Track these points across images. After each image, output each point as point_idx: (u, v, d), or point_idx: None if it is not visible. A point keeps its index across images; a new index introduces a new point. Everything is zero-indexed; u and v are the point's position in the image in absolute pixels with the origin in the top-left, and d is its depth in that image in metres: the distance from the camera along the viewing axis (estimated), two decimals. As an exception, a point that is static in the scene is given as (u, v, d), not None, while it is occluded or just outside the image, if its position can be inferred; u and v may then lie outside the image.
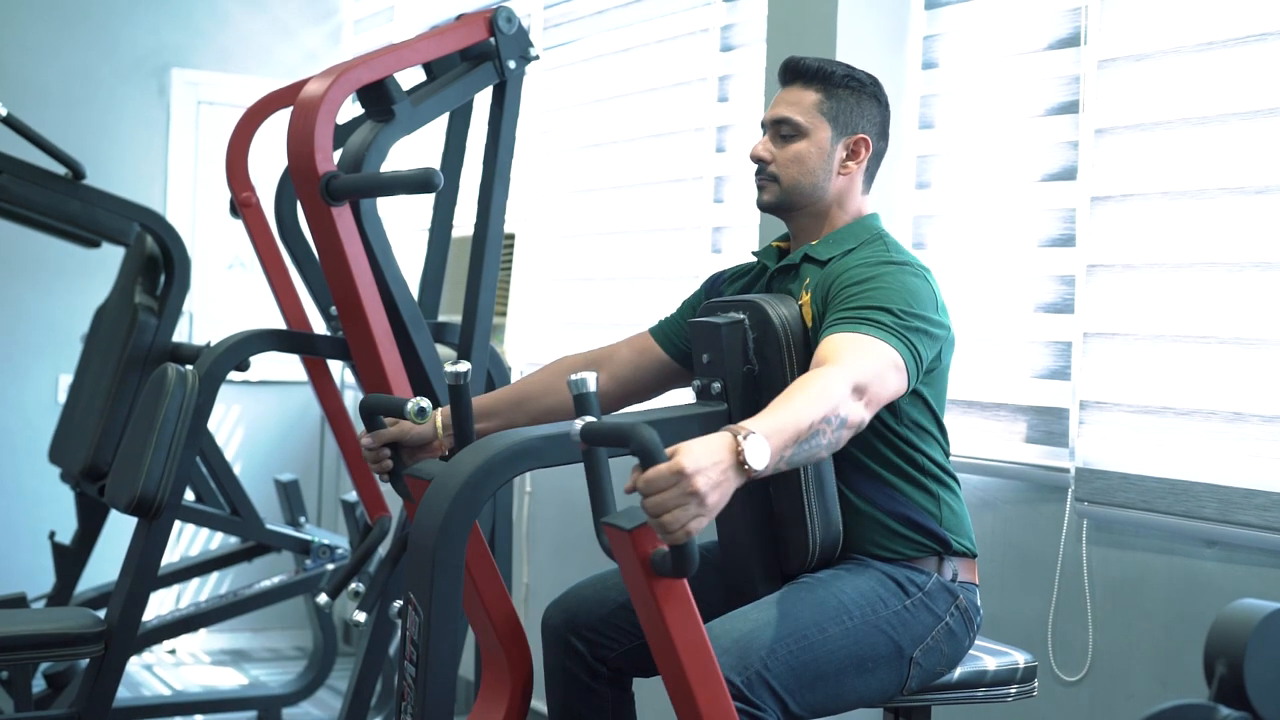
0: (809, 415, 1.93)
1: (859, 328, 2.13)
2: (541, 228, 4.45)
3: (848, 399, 1.99)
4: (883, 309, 2.16)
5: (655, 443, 1.78)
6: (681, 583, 1.89)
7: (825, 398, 1.96)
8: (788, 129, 2.38)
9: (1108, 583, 2.73)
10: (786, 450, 1.90)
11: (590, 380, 1.96)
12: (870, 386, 2.04)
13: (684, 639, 1.91)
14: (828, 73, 2.38)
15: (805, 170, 2.37)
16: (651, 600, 1.89)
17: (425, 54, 3.07)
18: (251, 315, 4.70)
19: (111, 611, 3.01)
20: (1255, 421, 2.50)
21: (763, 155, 2.40)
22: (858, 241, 2.36)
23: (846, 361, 2.04)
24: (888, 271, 2.24)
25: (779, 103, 2.41)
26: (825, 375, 2.00)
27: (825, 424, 1.95)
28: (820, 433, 1.95)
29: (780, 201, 2.40)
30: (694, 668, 1.92)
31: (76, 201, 3.85)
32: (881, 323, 2.14)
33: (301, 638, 5.23)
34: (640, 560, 1.87)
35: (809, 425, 1.93)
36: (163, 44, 5.17)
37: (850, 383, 2.00)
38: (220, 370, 3.14)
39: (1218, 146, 2.59)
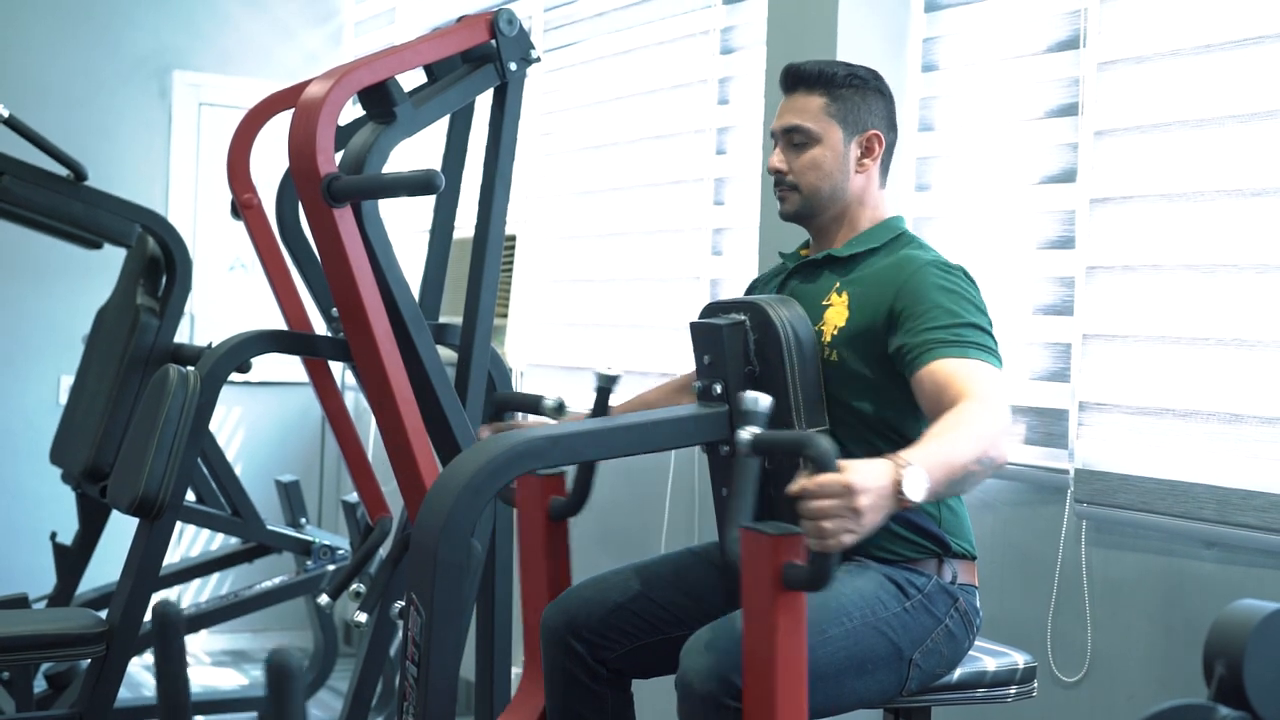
0: (965, 454, 1.99)
1: (969, 353, 2.17)
2: (542, 229, 4.45)
3: (999, 441, 2.04)
4: (976, 327, 2.22)
5: (832, 452, 1.84)
6: (802, 600, 1.93)
7: (983, 440, 2.01)
8: (800, 137, 2.40)
9: (1107, 583, 2.73)
10: (940, 487, 1.95)
11: (763, 400, 2.00)
12: (1009, 414, 2.11)
13: (787, 655, 1.93)
14: (829, 75, 2.40)
15: (823, 175, 2.40)
16: (771, 611, 1.91)
17: (427, 56, 3.08)
18: (253, 316, 4.70)
19: (113, 612, 3.02)
20: (1254, 423, 2.51)
21: (780, 167, 2.42)
22: (882, 241, 2.39)
23: (993, 400, 2.09)
24: (954, 280, 2.28)
25: (785, 111, 2.42)
26: (980, 415, 2.05)
27: (978, 464, 2.01)
28: (974, 474, 2.01)
29: (803, 209, 2.42)
30: (786, 686, 1.93)
31: (78, 203, 3.85)
32: (983, 346, 2.20)
33: (302, 639, 5.23)
34: (773, 569, 1.90)
35: (962, 465, 1.99)
36: (164, 46, 5.18)
37: (1005, 425, 2.06)
38: (222, 371, 3.15)
39: (1216, 149, 2.59)
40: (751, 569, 1.94)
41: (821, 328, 2.33)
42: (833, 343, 2.31)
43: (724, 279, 3.74)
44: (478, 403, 3.20)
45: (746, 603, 1.96)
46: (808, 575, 1.88)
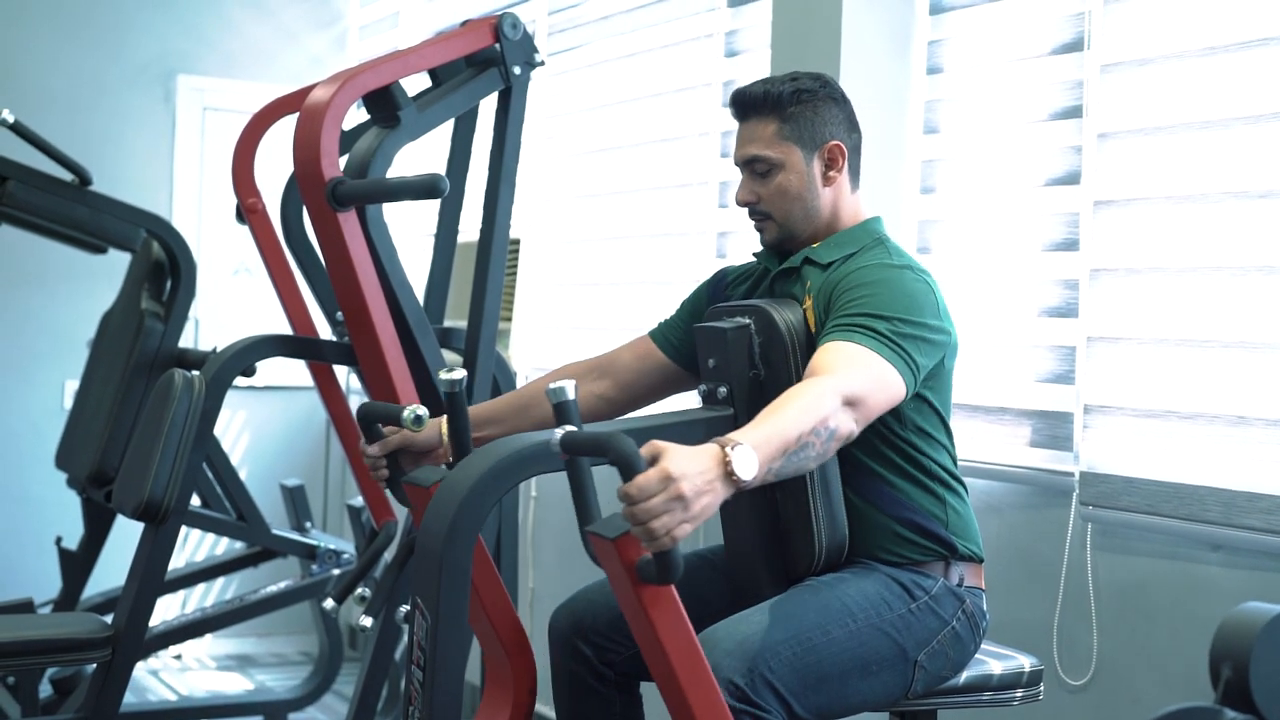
0: (798, 427, 1.94)
1: (853, 336, 2.13)
2: (547, 233, 4.46)
3: (838, 411, 1.99)
4: (878, 316, 2.15)
5: (633, 452, 1.79)
6: (669, 589, 1.90)
7: (815, 409, 1.96)
8: (762, 165, 2.36)
9: (1113, 586, 2.73)
10: (775, 462, 1.91)
11: (569, 389, 1.95)
12: (864, 400, 2.05)
13: (674, 644, 1.92)
14: (775, 95, 2.35)
15: (792, 199, 2.37)
16: (639, 607, 1.91)
17: (431, 60, 3.08)
18: (257, 321, 4.70)
19: (118, 617, 3.02)
20: (1259, 425, 2.50)
21: (748, 199, 2.39)
22: (859, 245, 2.35)
23: (839, 373, 2.05)
24: (887, 277, 2.23)
25: (743, 141, 2.39)
26: (816, 386, 2.01)
27: (814, 435, 1.96)
28: (809, 445, 1.95)
29: (783, 236, 2.40)
30: (686, 672, 1.93)
31: (83, 208, 3.85)
32: (876, 331, 2.14)
33: (307, 643, 5.23)
34: (626, 568, 1.88)
35: (797, 437, 1.93)
36: (168, 50, 5.18)
37: (841, 395, 2.01)
38: (226, 376, 3.15)
39: (1221, 151, 2.59)
40: (608, 570, 1.94)
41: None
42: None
43: (728, 282, 3.74)
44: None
45: (619, 601, 1.96)
46: (655, 570, 1.84)
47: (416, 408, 2.24)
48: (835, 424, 1.99)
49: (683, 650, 1.93)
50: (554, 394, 1.95)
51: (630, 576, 1.88)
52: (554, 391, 1.95)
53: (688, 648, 1.93)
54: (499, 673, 2.24)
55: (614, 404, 2.56)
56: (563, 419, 1.95)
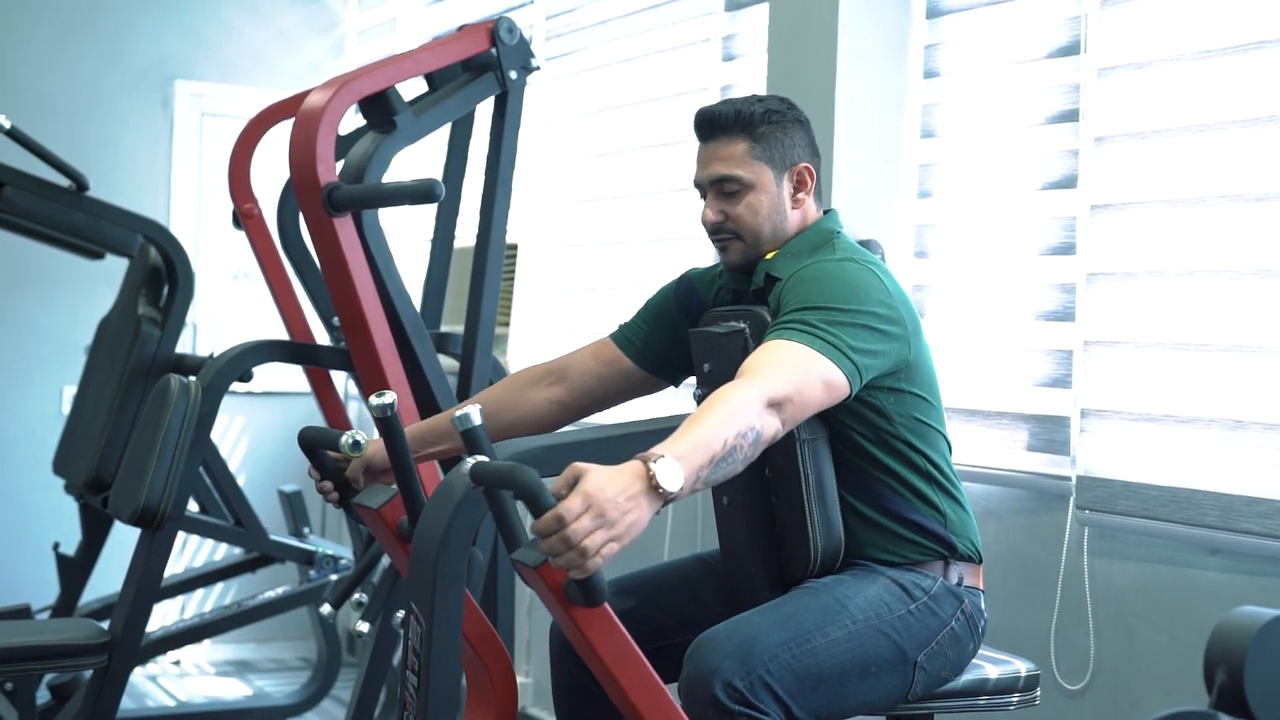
0: (722, 434, 1.91)
1: (783, 333, 2.09)
2: (544, 238, 4.45)
3: (762, 413, 1.96)
4: (811, 309, 2.12)
5: (537, 485, 1.80)
6: (602, 608, 1.92)
7: (737, 414, 1.93)
8: (732, 185, 2.32)
9: (1110, 591, 2.73)
10: (703, 470, 1.88)
11: (474, 415, 1.95)
12: (789, 399, 2.00)
13: (615, 660, 1.94)
14: (748, 115, 2.31)
15: (762, 219, 2.32)
16: (575, 629, 1.92)
17: (427, 65, 3.08)
18: (256, 326, 4.70)
19: (114, 623, 3.02)
20: (1256, 429, 2.50)
21: (716, 219, 2.34)
22: (812, 250, 2.32)
23: (761, 374, 2.01)
24: (826, 271, 2.20)
25: (710, 160, 2.34)
26: (738, 391, 1.97)
27: (740, 439, 1.93)
28: (736, 449, 1.93)
29: (749, 257, 2.34)
30: (632, 686, 1.95)
31: (80, 213, 3.85)
32: (807, 323, 2.09)
33: (306, 648, 5.23)
34: (553, 592, 1.89)
35: (723, 444, 1.91)
36: (166, 55, 5.18)
37: (763, 397, 1.97)
38: (223, 381, 3.15)
39: (1217, 154, 2.59)
40: (538, 594, 1.95)
41: None
42: None
43: (726, 287, 3.73)
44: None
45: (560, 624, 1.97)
46: (581, 593, 1.86)
47: (354, 433, 2.22)
48: (760, 426, 1.95)
49: (624, 663, 1.95)
50: (459, 422, 1.95)
51: (559, 600, 1.90)
52: (459, 419, 1.95)
53: (629, 660, 1.95)
54: (477, 682, 2.24)
55: (569, 409, 2.52)
56: (472, 448, 1.95)
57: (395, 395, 2.13)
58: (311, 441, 2.34)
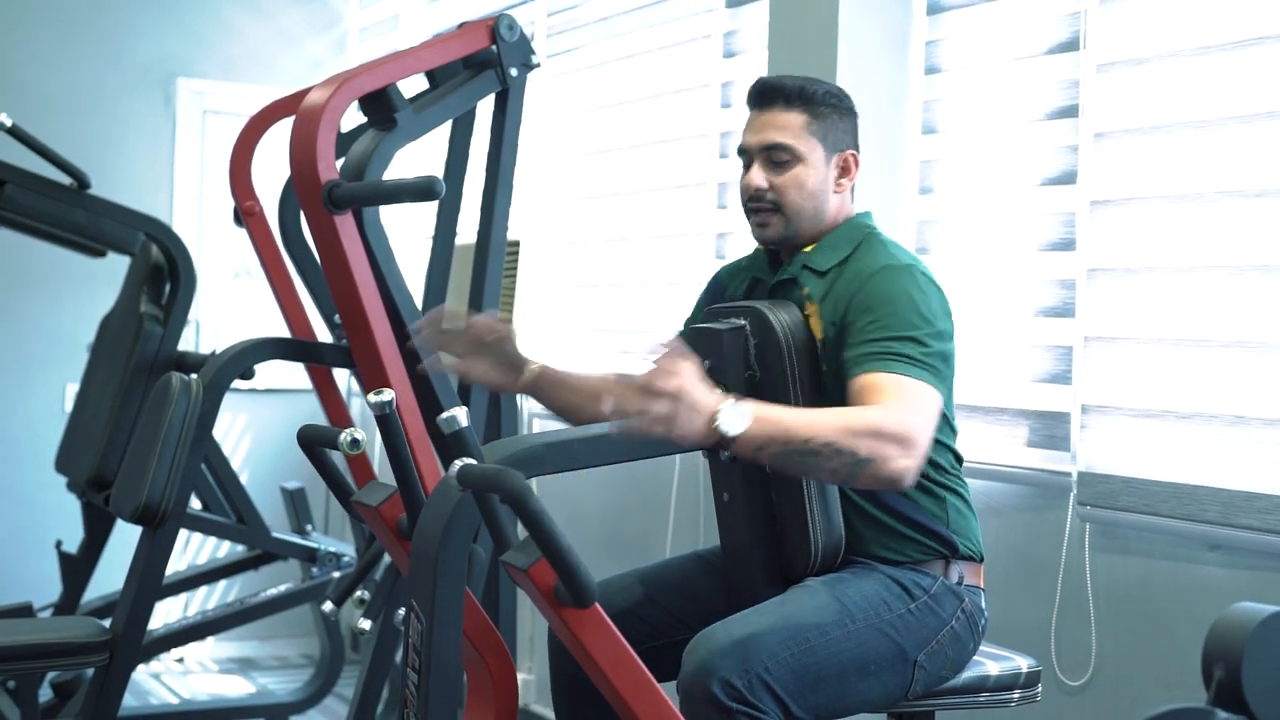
0: (812, 431, 1.99)
1: (893, 366, 2.12)
2: (546, 234, 4.45)
3: (878, 444, 2.00)
4: (909, 339, 2.15)
5: (523, 489, 1.83)
6: (592, 609, 1.93)
7: (842, 429, 2.00)
8: (783, 154, 2.32)
9: (1111, 587, 2.72)
10: (772, 446, 1.98)
11: (461, 417, 1.97)
12: (917, 439, 2.05)
13: (607, 660, 1.95)
14: (809, 92, 2.33)
15: (806, 195, 2.33)
16: (566, 630, 1.94)
17: (427, 62, 3.08)
18: (259, 324, 4.70)
19: (116, 620, 3.02)
20: (1257, 425, 2.50)
21: (761, 185, 2.33)
22: (852, 245, 2.34)
23: (889, 407, 2.07)
24: (899, 288, 2.22)
25: (764, 126, 2.34)
26: (857, 412, 2.06)
27: (829, 449, 1.99)
28: (819, 454, 1.99)
29: (787, 234, 2.35)
30: (625, 685, 1.96)
31: (81, 211, 3.85)
32: (912, 358, 2.13)
33: (309, 645, 5.23)
34: (543, 594, 1.91)
35: (805, 438, 1.97)
36: (168, 53, 5.18)
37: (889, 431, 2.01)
38: (224, 379, 3.15)
39: (1217, 150, 2.59)
40: (529, 596, 1.98)
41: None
42: (821, 356, 2.29)
43: (727, 283, 3.73)
44: (481, 408, 3.21)
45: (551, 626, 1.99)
46: (570, 593, 1.90)
47: (353, 431, 2.22)
48: (869, 453, 2.00)
49: (617, 663, 1.95)
50: (446, 424, 1.97)
51: (550, 601, 1.92)
52: (445, 421, 1.97)
53: (623, 661, 1.96)
54: (478, 677, 2.24)
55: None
56: (460, 450, 1.97)
57: (394, 393, 2.14)
58: (311, 440, 2.34)
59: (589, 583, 1.88)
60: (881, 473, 2.02)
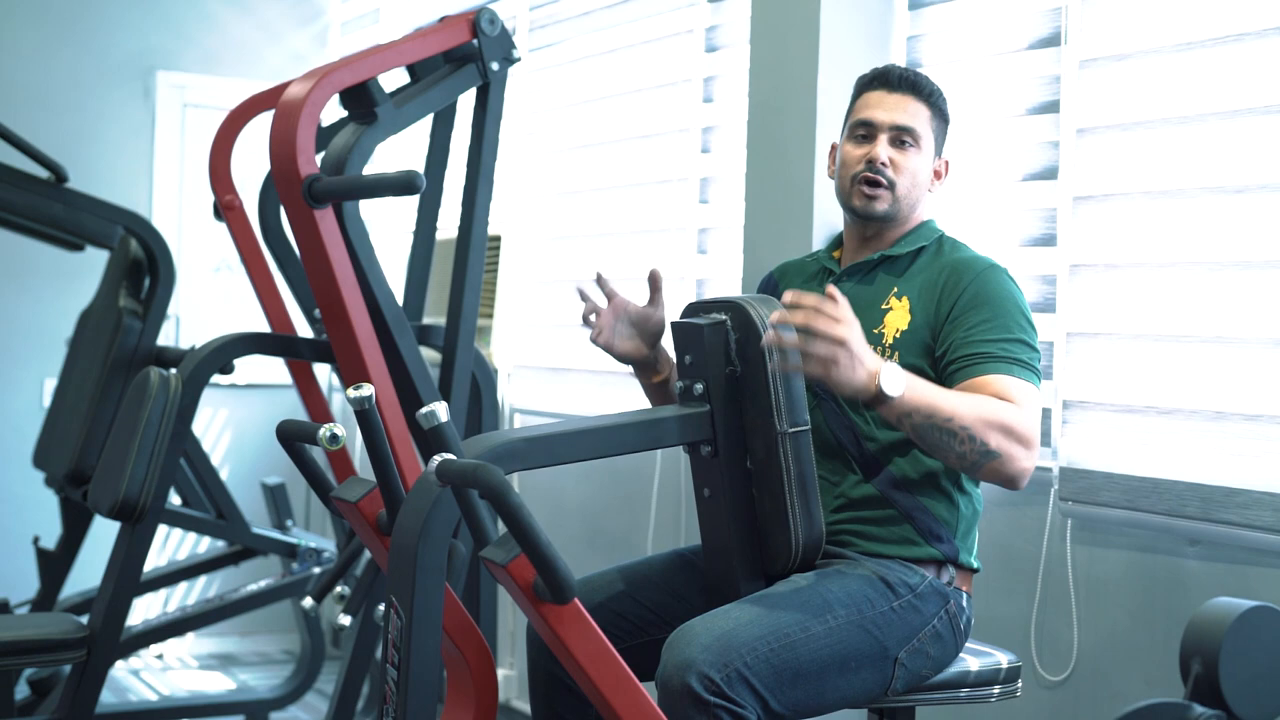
0: (958, 413, 2.13)
1: (1014, 370, 2.23)
2: (527, 229, 4.44)
3: (1009, 440, 2.15)
4: (1022, 342, 2.27)
5: (502, 484, 1.84)
6: (572, 604, 1.93)
7: (981, 419, 2.14)
8: (910, 139, 2.39)
9: (1091, 582, 2.73)
10: (916, 415, 2.12)
11: (441, 412, 1.98)
12: (1038, 442, 2.21)
13: (587, 656, 1.95)
14: (934, 91, 2.42)
15: (916, 184, 2.41)
16: (546, 626, 1.94)
17: (408, 56, 3.07)
18: (240, 319, 4.68)
19: (93, 617, 3.00)
20: (1237, 420, 2.50)
21: (887, 160, 2.38)
22: (928, 241, 2.41)
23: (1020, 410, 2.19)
24: (1007, 289, 2.31)
25: (896, 108, 2.39)
26: (994, 406, 2.17)
27: (965, 433, 2.13)
28: (956, 435, 2.13)
29: (893, 212, 2.41)
30: (605, 681, 1.96)
31: (59, 205, 3.83)
32: (1026, 363, 2.25)
33: (289, 641, 5.22)
34: (522, 589, 1.91)
35: (948, 417, 2.13)
36: (148, 46, 5.16)
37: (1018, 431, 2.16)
38: (202, 374, 3.13)
39: (1198, 146, 2.59)
40: (508, 592, 1.97)
41: (881, 330, 2.35)
42: (895, 345, 2.33)
43: (709, 278, 3.73)
44: (461, 404, 3.19)
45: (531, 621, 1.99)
46: (549, 588, 1.90)
47: (332, 426, 2.21)
48: (998, 447, 2.15)
49: (597, 659, 1.96)
50: (425, 419, 1.98)
51: (529, 597, 1.92)
52: (425, 417, 1.98)
53: (603, 657, 1.96)
54: (457, 673, 2.23)
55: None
56: (439, 445, 1.97)
57: (373, 388, 2.13)
58: (290, 435, 2.33)
59: (568, 578, 1.88)
60: (1005, 469, 2.17)
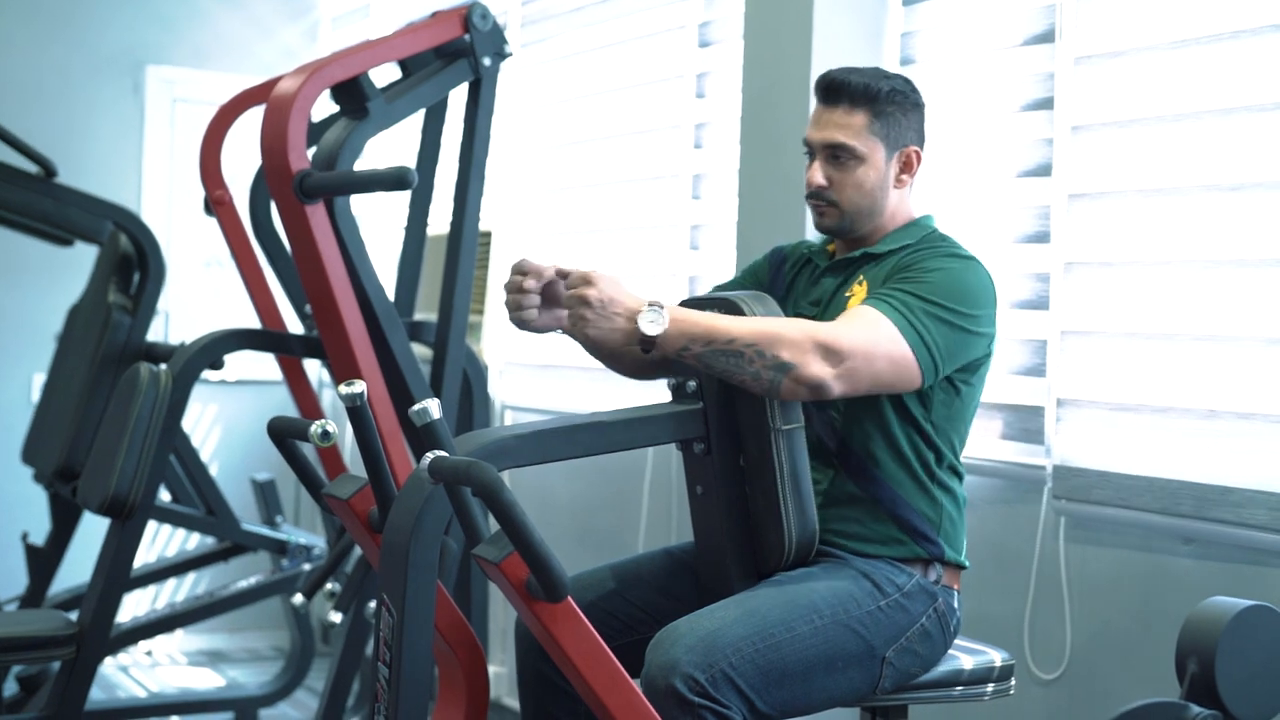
0: (736, 332, 2.10)
1: (879, 305, 2.17)
2: (518, 225, 4.43)
3: (803, 351, 2.09)
4: (916, 296, 2.19)
5: (494, 481, 1.83)
6: (565, 603, 1.93)
7: (770, 333, 2.09)
8: (844, 155, 2.34)
9: (1085, 580, 2.72)
10: (694, 345, 2.10)
11: (433, 409, 1.97)
12: (849, 354, 2.11)
13: (580, 655, 1.95)
14: (875, 91, 2.33)
15: (865, 194, 2.35)
16: (538, 624, 1.93)
17: (399, 51, 3.06)
18: (230, 314, 4.66)
19: (83, 614, 2.99)
20: (1230, 418, 2.50)
21: (822, 184, 2.35)
22: (916, 238, 2.37)
23: (833, 324, 2.13)
24: (951, 266, 2.25)
25: (827, 124, 2.35)
26: (794, 322, 2.14)
27: (752, 350, 2.09)
28: (743, 356, 2.09)
29: (843, 225, 2.38)
30: (598, 680, 1.95)
31: (49, 199, 3.81)
32: (905, 305, 2.17)
33: (279, 638, 5.20)
34: (515, 587, 1.91)
35: (729, 339, 2.09)
36: (138, 41, 5.13)
37: (816, 338, 2.10)
38: (193, 370, 3.12)
39: (1193, 144, 2.59)
40: (501, 590, 1.97)
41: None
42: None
43: (701, 274, 3.72)
44: (453, 400, 3.19)
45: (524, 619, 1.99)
46: (543, 587, 1.90)
47: (324, 423, 2.19)
48: (791, 358, 2.08)
49: (590, 657, 1.95)
50: (418, 416, 1.97)
51: (522, 595, 1.91)
52: (418, 414, 1.97)
53: (595, 654, 1.95)
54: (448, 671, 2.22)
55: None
56: (432, 442, 1.96)
57: (365, 384, 2.12)
58: (281, 431, 2.32)
59: (562, 576, 1.87)
60: (800, 377, 2.10)
